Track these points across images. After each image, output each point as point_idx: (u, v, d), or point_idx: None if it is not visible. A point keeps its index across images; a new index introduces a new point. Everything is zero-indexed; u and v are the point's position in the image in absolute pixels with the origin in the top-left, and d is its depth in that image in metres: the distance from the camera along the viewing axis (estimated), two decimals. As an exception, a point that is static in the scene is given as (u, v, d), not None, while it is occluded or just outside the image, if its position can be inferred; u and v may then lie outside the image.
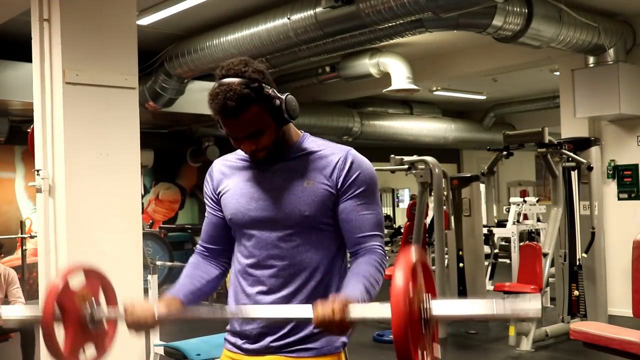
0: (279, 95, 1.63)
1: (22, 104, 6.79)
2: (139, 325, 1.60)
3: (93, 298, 1.67)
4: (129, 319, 1.59)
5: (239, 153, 1.78)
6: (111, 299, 1.75)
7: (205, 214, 1.85)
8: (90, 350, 1.67)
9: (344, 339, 1.69)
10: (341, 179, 1.66)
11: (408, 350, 1.32)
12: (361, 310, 1.44)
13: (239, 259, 1.74)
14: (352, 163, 1.68)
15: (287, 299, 1.66)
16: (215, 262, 1.82)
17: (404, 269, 1.35)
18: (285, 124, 1.66)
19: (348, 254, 1.74)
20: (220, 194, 1.77)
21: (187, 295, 1.72)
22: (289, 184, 1.67)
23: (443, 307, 1.41)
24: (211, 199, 1.80)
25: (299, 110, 1.68)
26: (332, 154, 1.70)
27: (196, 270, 1.80)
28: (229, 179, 1.76)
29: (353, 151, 1.72)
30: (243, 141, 1.65)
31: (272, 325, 1.67)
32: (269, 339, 1.67)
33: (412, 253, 1.41)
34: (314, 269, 1.67)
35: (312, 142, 1.74)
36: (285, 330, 1.66)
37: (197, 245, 1.87)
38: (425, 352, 1.39)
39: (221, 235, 1.80)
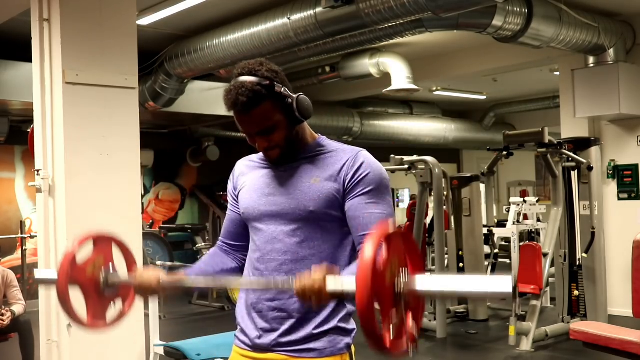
0: (291, 94, 1.69)
1: (22, 104, 6.79)
2: (143, 290, 1.70)
3: (109, 263, 1.80)
4: (136, 282, 1.71)
5: (262, 155, 1.83)
6: (131, 262, 1.87)
7: (227, 212, 1.92)
8: (112, 312, 1.83)
9: (348, 340, 1.71)
10: (349, 176, 1.68)
11: (370, 323, 1.28)
12: (339, 282, 1.43)
13: (250, 255, 1.79)
14: (362, 163, 1.69)
15: (286, 295, 1.68)
16: (233, 255, 1.89)
17: (375, 240, 1.32)
18: (297, 123, 1.72)
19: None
20: (238, 191, 1.85)
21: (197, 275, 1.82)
22: (298, 182, 1.72)
23: (422, 282, 1.36)
24: (232, 196, 1.89)
25: (312, 110, 1.72)
26: (343, 153, 1.73)
27: (213, 258, 1.88)
28: (247, 177, 1.84)
29: (365, 152, 1.74)
30: (256, 138, 1.71)
31: (275, 321, 1.69)
32: (273, 335, 1.70)
33: (389, 226, 1.37)
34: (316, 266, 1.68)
35: (326, 144, 1.78)
36: (287, 326, 1.69)
37: (218, 241, 1.95)
38: (395, 327, 1.35)
39: (239, 232, 1.87)
